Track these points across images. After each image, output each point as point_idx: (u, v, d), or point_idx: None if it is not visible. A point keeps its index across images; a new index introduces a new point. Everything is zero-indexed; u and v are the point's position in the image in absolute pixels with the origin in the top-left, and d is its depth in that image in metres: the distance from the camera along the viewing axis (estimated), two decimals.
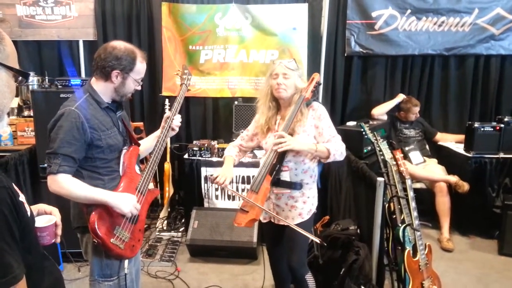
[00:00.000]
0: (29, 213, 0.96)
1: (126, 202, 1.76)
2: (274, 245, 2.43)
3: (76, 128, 1.69)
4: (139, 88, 1.90)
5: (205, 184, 3.70)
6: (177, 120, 2.05)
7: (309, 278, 2.27)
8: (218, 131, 4.37)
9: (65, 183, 1.68)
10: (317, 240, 2.13)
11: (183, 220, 3.96)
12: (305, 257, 2.33)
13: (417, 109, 4.06)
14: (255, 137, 2.37)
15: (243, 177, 3.65)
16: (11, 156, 3.03)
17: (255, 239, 3.26)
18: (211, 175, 2.31)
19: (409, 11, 4.04)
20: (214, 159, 3.69)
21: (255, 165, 3.60)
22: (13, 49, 0.96)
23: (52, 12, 4.03)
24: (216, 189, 3.72)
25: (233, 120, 4.14)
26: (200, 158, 3.70)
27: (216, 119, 4.39)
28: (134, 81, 1.84)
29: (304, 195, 2.22)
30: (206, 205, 3.72)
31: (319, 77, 2.29)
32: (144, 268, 3.19)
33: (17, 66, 0.96)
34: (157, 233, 3.83)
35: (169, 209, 4.08)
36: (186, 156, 3.75)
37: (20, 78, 0.98)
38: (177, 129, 2.07)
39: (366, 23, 4.09)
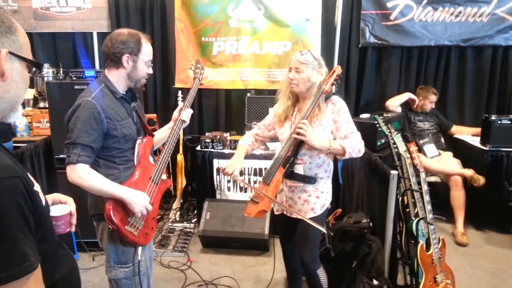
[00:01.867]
0: (44, 202, 0.97)
1: (139, 202, 1.79)
2: (286, 237, 2.43)
3: (94, 118, 1.72)
4: (150, 71, 1.93)
5: (217, 176, 3.71)
6: (187, 112, 2.07)
7: (321, 273, 2.26)
8: (231, 123, 4.37)
9: (84, 173, 1.71)
10: (325, 231, 2.12)
11: (195, 211, 3.99)
12: (317, 252, 2.31)
13: (434, 97, 3.99)
14: (272, 127, 2.34)
15: (255, 169, 3.65)
16: (27, 147, 3.09)
17: (266, 231, 3.27)
18: (221, 166, 2.30)
19: (425, 1, 3.95)
20: (226, 151, 3.69)
21: (267, 157, 3.59)
22: (26, 40, 0.97)
23: (66, 4, 4.06)
24: (228, 181, 3.73)
25: (245, 112, 4.13)
26: (212, 150, 3.71)
27: (228, 111, 4.39)
28: (144, 63, 1.86)
29: (317, 189, 2.18)
30: (218, 196, 3.74)
31: (341, 69, 2.19)
32: (157, 258, 3.23)
33: (30, 57, 0.97)
34: (170, 224, 3.86)
35: (181, 201, 4.11)
36: (198, 148, 3.77)
37: (34, 68, 0.99)
38: (188, 120, 2.09)
39: (381, 13, 4.02)
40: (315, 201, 2.18)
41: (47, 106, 3.36)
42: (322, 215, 2.22)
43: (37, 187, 0.95)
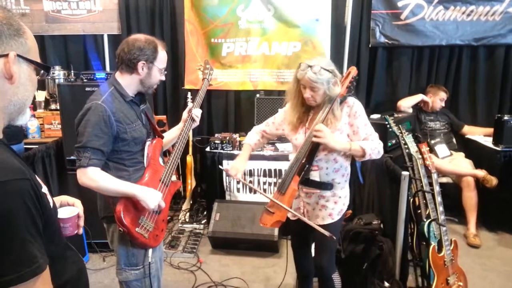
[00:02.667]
0: (51, 204, 0.98)
1: (153, 198, 1.79)
2: (300, 241, 2.37)
3: (104, 121, 1.72)
4: (163, 78, 1.94)
5: (227, 177, 3.72)
6: (197, 112, 2.08)
7: (336, 277, 2.23)
8: (240, 124, 4.37)
9: (95, 176, 1.71)
10: (329, 235, 1.97)
11: (205, 213, 4.00)
12: (334, 257, 2.26)
13: (444, 95, 3.95)
14: (280, 126, 2.28)
15: (264, 170, 3.64)
16: (39, 148, 3.12)
17: (276, 233, 3.26)
18: (225, 168, 2.28)
19: (436, 0, 3.91)
20: (236, 152, 3.69)
21: (276, 158, 3.59)
22: (34, 43, 0.97)
23: (77, 7, 4.10)
24: (238, 182, 3.73)
25: (254, 113, 4.13)
26: (221, 151, 3.71)
27: (237, 112, 4.38)
28: (159, 70, 1.88)
29: (335, 195, 2.12)
30: (227, 197, 3.74)
31: (356, 71, 2.10)
32: (167, 259, 3.24)
33: (38, 60, 0.97)
34: (179, 225, 3.87)
35: (191, 202, 4.12)
36: (208, 149, 3.78)
37: (42, 71, 0.99)
38: (198, 120, 2.10)
39: (392, 13, 3.98)
40: (333, 206, 2.12)
41: (58, 108, 3.40)
42: (339, 221, 2.16)
43: (44, 189, 0.95)
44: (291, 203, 2.06)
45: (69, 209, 1.23)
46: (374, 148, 2.00)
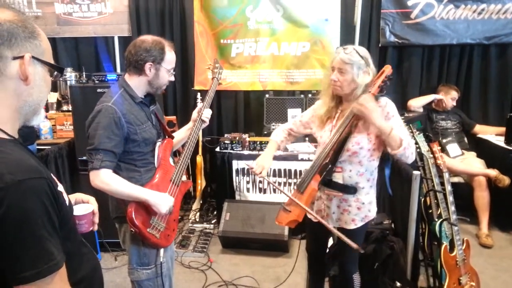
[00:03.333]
0: (67, 202, 0.99)
1: (165, 203, 1.81)
2: (316, 244, 2.31)
3: (115, 123, 1.73)
4: (172, 78, 1.94)
5: (237, 177, 3.73)
6: (207, 113, 2.09)
7: (356, 277, 2.20)
8: (249, 124, 4.38)
9: (108, 179, 1.73)
10: (356, 247, 1.87)
11: (215, 212, 4.01)
12: (357, 257, 2.19)
13: (455, 94, 3.92)
14: (308, 125, 2.18)
15: (274, 170, 3.64)
16: (51, 149, 3.16)
17: (286, 232, 3.26)
18: (249, 165, 2.20)
19: None
20: (246, 152, 3.70)
21: (286, 158, 3.59)
22: (48, 45, 0.99)
23: (88, 9, 4.15)
24: (248, 182, 3.74)
25: (264, 113, 4.14)
26: (231, 151, 3.72)
27: (247, 112, 4.40)
28: (167, 71, 1.88)
29: (358, 200, 2.00)
30: (237, 197, 3.75)
31: (391, 69, 1.93)
32: (178, 258, 3.26)
33: (52, 61, 0.99)
34: (190, 225, 3.90)
35: (201, 201, 4.14)
36: (217, 149, 3.79)
37: (56, 73, 1.01)
38: (207, 121, 2.10)
39: (402, 12, 3.96)
40: (355, 212, 2.01)
41: (70, 109, 3.44)
42: (363, 227, 2.06)
43: (60, 187, 0.97)
44: (309, 203, 1.99)
45: (84, 206, 1.24)
46: (411, 146, 1.86)
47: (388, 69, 1.91)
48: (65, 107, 3.76)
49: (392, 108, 1.94)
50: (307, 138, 3.77)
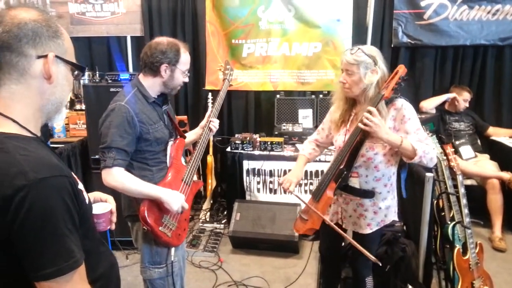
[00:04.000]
0: (87, 201, 1.01)
1: (177, 200, 1.82)
2: (329, 246, 2.28)
3: (127, 122, 1.75)
4: (187, 79, 1.96)
5: (247, 177, 3.73)
6: (215, 122, 2.11)
7: (369, 281, 2.18)
8: (260, 124, 4.38)
9: (120, 177, 1.74)
10: (373, 258, 1.88)
11: (225, 212, 4.02)
12: (370, 260, 2.13)
13: (468, 95, 3.87)
14: (330, 131, 2.13)
15: (284, 170, 3.64)
16: (64, 147, 3.20)
17: (296, 233, 3.25)
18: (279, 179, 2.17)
19: None
20: (256, 152, 3.71)
21: (296, 158, 3.56)
22: (70, 44, 1.00)
23: (101, 9, 4.18)
24: (258, 182, 3.74)
25: (275, 114, 4.14)
26: (242, 151, 3.73)
27: (258, 112, 4.40)
28: (182, 72, 1.90)
29: (375, 205, 1.96)
30: (248, 197, 3.75)
31: (405, 69, 1.82)
32: (188, 258, 3.27)
33: (74, 60, 1.00)
34: (200, 224, 3.91)
35: (211, 201, 4.15)
36: (228, 149, 3.80)
37: (77, 72, 1.02)
38: (214, 131, 2.13)
39: (415, 12, 3.93)
40: (372, 216, 1.98)
41: (83, 108, 3.47)
42: (379, 231, 2.04)
43: (81, 185, 0.98)
44: (325, 211, 1.96)
45: (102, 205, 1.26)
46: (428, 153, 1.78)
47: (402, 69, 1.81)
48: (78, 106, 3.80)
49: (409, 110, 1.86)
50: None
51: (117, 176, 1.74)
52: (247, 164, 3.70)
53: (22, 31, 0.88)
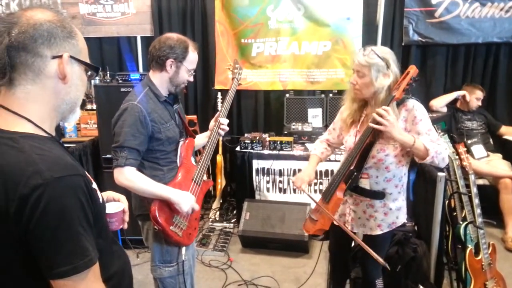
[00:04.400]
0: (101, 200, 1.01)
1: (187, 202, 1.83)
2: (339, 245, 2.28)
3: (140, 121, 1.76)
4: (191, 79, 1.95)
5: (257, 177, 3.73)
6: (224, 121, 2.09)
7: (379, 283, 2.16)
8: (270, 124, 4.38)
9: (131, 176, 1.75)
10: (382, 262, 1.82)
11: (234, 212, 4.03)
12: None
13: (480, 94, 3.82)
14: (341, 133, 2.12)
15: (294, 170, 3.63)
16: (76, 147, 3.23)
17: (306, 233, 3.24)
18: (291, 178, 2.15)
19: None
20: (266, 151, 3.70)
21: (306, 158, 3.54)
22: (84, 45, 1.01)
23: (112, 10, 4.21)
24: (267, 182, 3.74)
25: (284, 113, 4.14)
26: (251, 150, 3.73)
27: (267, 112, 4.40)
28: (187, 70, 1.89)
29: (385, 206, 1.94)
30: (257, 197, 3.75)
31: (416, 70, 1.80)
32: (198, 257, 3.28)
33: (88, 61, 1.01)
34: (210, 223, 3.92)
35: (221, 201, 4.16)
36: (238, 148, 3.80)
37: (90, 72, 1.03)
38: (223, 133, 2.11)
39: (426, 10, 3.89)
40: (382, 217, 1.96)
41: (94, 108, 3.50)
42: (389, 233, 2.02)
43: (94, 185, 0.99)
44: (335, 212, 1.96)
45: (115, 204, 1.27)
46: (440, 153, 1.76)
47: (413, 70, 1.79)
48: (89, 106, 3.83)
49: (420, 111, 1.84)
50: None
51: (128, 175, 1.75)
52: (256, 164, 3.70)
53: (37, 31, 0.89)
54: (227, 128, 2.10)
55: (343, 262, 2.33)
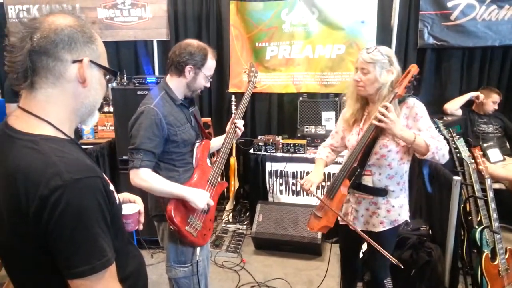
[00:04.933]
0: (117, 201, 1.03)
1: (202, 198, 1.86)
2: (347, 246, 2.30)
3: (156, 124, 1.80)
4: (208, 85, 1.99)
5: (270, 179, 3.74)
6: (239, 123, 2.12)
7: (388, 283, 2.18)
8: (283, 126, 4.39)
9: (147, 177, 1.80)
10: (388, 255, 1.86)
11: (248, 213, 4.05)
12: (387, 262, 2.11)
13: (497, 97, 3.77)
14: (344, 135, 2.15)
15: (307, 172, 3.63)
16: (93, 148, 3.29)
17: (319, 235, 3.25)
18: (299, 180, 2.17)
19: None
20: (279, 154, 3.72)
21: (311, 160, 3.56)
22: (103, 49, 1.03)
23: (129, 14, 4.29)
24: (281, 184, 3.75)
25: (297, 116, 4.14)
26: (265, 153, 3.75)
27: (280, 114, 4.41)
28: (205, 76, 1.93)
29: (388, 203, 1.98)
30: (270, 199, 3.77)
31: (417, 69, 1.89)
32: (212, 258, 3.31)
33: (107, 65, 1.04)
34: (223, 225, 3.95)
35: (234, 202, 4.19)
36: (251, 151, 3.82)
37: (109, 76, 1.05)
38: (239, 133, 2.14)
39: (441, 13, 3.86)
40: (385, 214, 1.99)
41: (111, 110, 3.57)
42: (392, 231, 2.03)
43: (112, 186, 1.00)
44: (340, 208, 1.99)
45: (131, 205, 1.29)
46: (440, 149, 1.83)
47: (414, 69, 1.87)
48: (106, 109, 3.90)
49: (421, 108, 1.91)
50: None
51: (144, 176, 1.79)
52: (269, 166, 3.72)
53: (58, 36, 0.91)
54: (242, 128, 2.14)
55: (352, 261, 2.34)
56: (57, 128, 0.95)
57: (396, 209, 2.00)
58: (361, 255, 2.40)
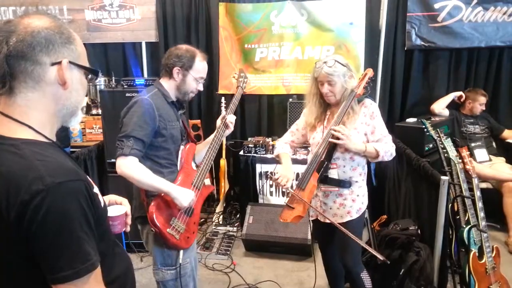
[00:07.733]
0: (102, 204, 1.02)
1: (187, 197, 1.85)
2: (324, 242, 2.43)
3: (148, 113, 1.82)
4: (200, 87, 2.01)
5: (260, 181, 3.75)
6: (231, 118, 2.13)
7: (365, 276, 2.23)
8: (273, 128, 4.39)
9: (134, 166, 1.78)
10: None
11: (238, 215, 4.04)
12: (359, 255, 2.28)
13: (483, 99, 3.83)
14: (306, 131, 2.33)
15: (297, 174, 3.63)
16: (81, 151, 3.25)
17: (309, 236, 3.25)
18: (271, 174, 2.33)
19: (475, 1, 3.80)
20: (269, 155, 3.72)
21: (301, 162, 3.57)
22: (83, 49, 1.01)
23: (117, 16, 4.26)
24: (271, 186, 3.75)
25: (287, 117, 4.15)
26: (255, 154, 3.75)
27: (270, 116, 4.41)
28: (194, 79, 1.96)
29: (353, 193, 2.17)
30: (260, 201, 3.77)
31: (372, 72, 2.21)
32: (202, 260, 3.30)
33: (87, 65, 1.01)
34: (213, 227, 3.93)
35: (224, 204, 4.18)
36: (241, 152, 3.82)
37: (90, 75, 1.03)
38: (231, 127, 2.14)
39: (428, 15, 3.91)
40: (351, 204, 2.17)
41: (99, 113, 3.54)
42: (359, 219, 2.19)
43: (96, 189, 0.99)
44: (311, 198, 2.11)
45: (117, 207, 1.28)
46: (388, 151, 2.08)
47: (370, 72, 2.17)
48: (94, 111, 3.87)
49: (375, 108, 2.15)
50: None
51: (131, 165, 1.77)
52: (260, 168, 3.72)
53: (35, 39, 0.89)
54: (233, 122, 2.14)
55: (333, 257, 2.41)
56: (38, 131, 0.93)
57: (360, 198, 2.18)
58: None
